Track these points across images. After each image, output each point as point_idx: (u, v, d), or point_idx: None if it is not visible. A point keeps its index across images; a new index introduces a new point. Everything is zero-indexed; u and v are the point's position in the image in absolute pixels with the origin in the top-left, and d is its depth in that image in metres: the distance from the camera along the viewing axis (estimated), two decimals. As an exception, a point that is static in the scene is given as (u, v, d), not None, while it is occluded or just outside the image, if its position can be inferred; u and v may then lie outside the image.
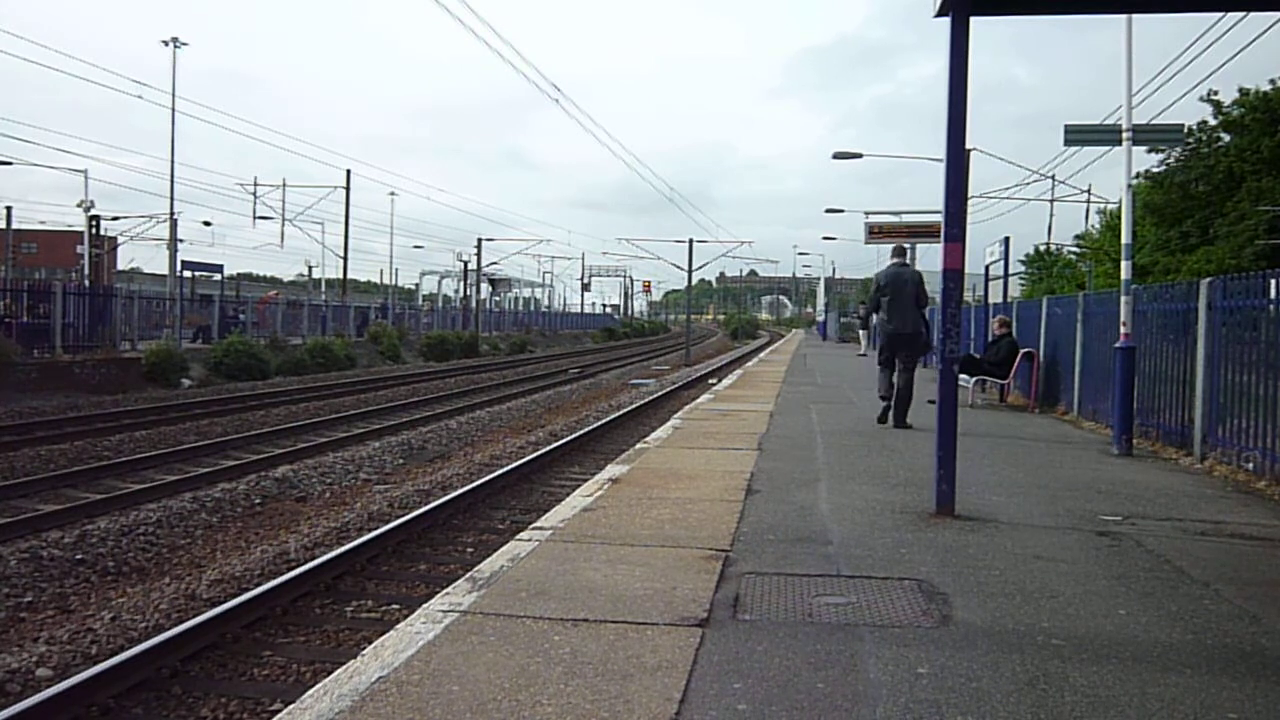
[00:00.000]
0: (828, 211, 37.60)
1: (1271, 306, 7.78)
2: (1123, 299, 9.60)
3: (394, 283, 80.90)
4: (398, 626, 3.87)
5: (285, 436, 14.86)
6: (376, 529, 7.96)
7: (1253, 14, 13.11)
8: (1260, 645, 3.75)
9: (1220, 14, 12.27)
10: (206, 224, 60.17)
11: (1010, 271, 22.83)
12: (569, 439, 13.41)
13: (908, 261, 11.44)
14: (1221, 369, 8.48)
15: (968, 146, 8.52)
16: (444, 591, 4.34)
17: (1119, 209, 16.51)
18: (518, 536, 5.43)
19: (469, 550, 7.77)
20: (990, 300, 22.94)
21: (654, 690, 3.15)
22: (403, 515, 8.51)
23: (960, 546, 5.25)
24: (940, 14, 5.81)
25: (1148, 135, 12.68)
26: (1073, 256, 40.17)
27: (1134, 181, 14.60)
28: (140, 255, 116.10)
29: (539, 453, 12.07)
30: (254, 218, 44.32)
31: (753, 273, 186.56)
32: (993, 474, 7.79)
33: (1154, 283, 16.26)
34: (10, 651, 5.58)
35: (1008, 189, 70.56)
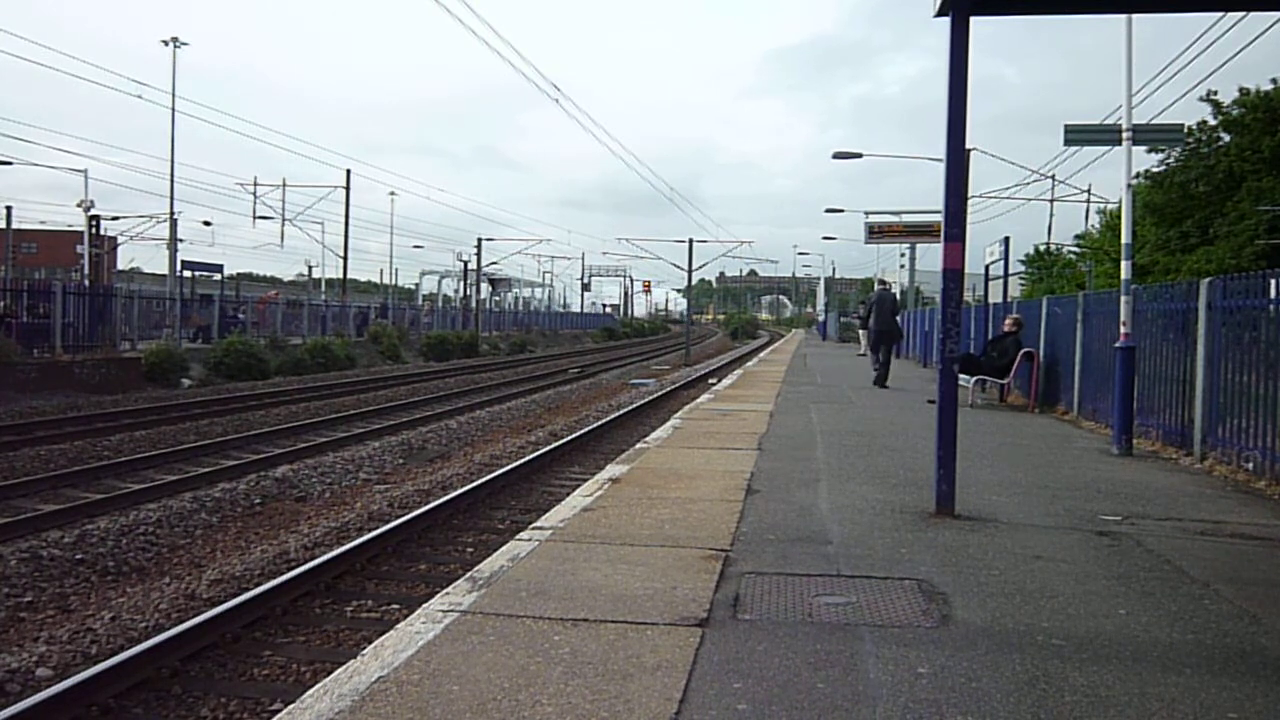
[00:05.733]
0: (828, 211, 37.73)
1: (1271, 306, 7.77)
2: (1123, 299, 9.60)
3: (394, 283, 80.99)
4: (398, 626, 3.88)
5: (285, 436, 14.86)
6: (376, 529, 7.96)
7: (1253, 14, 13.11)
8: (1260, 645, 3.75)
9: (1220, 14, 12.26)
10: (206, 224, 59.84)
11: (1010, 271, 22.79)
12: (569, 439, 13.41)
13: (888, 283, 20.80)
14: (1221, 369, 8.48)
15: (968, 146, 8.52)
16: (444, 591, 4.34)
17: (1119, 209, 16.52)
18: (518, 536, 5.44)
19: (469, 550, 7.77)
20: (990, 300, 22.93)
21: (654, 690, 3.15)
22: (403, 515, 8.51)
23: (960, 546, 5.25)
24: (940, 14, 5.81)
25: (1148, 135, 12.68)
26: (1073, 256, 40.19)
27: (1134, 181, 14.60)
28: (140, 255, 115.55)
29: (539, 453, 12.07)
30: (254, 217, 44.36)
31: (752, 272, 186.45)
32: (993, 474, 7.79)
33: (1154, 283, 16.25)
34: (10, 651, 5.58)
35: (1007, 189, 70.63)
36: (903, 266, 40.10)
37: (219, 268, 40.84)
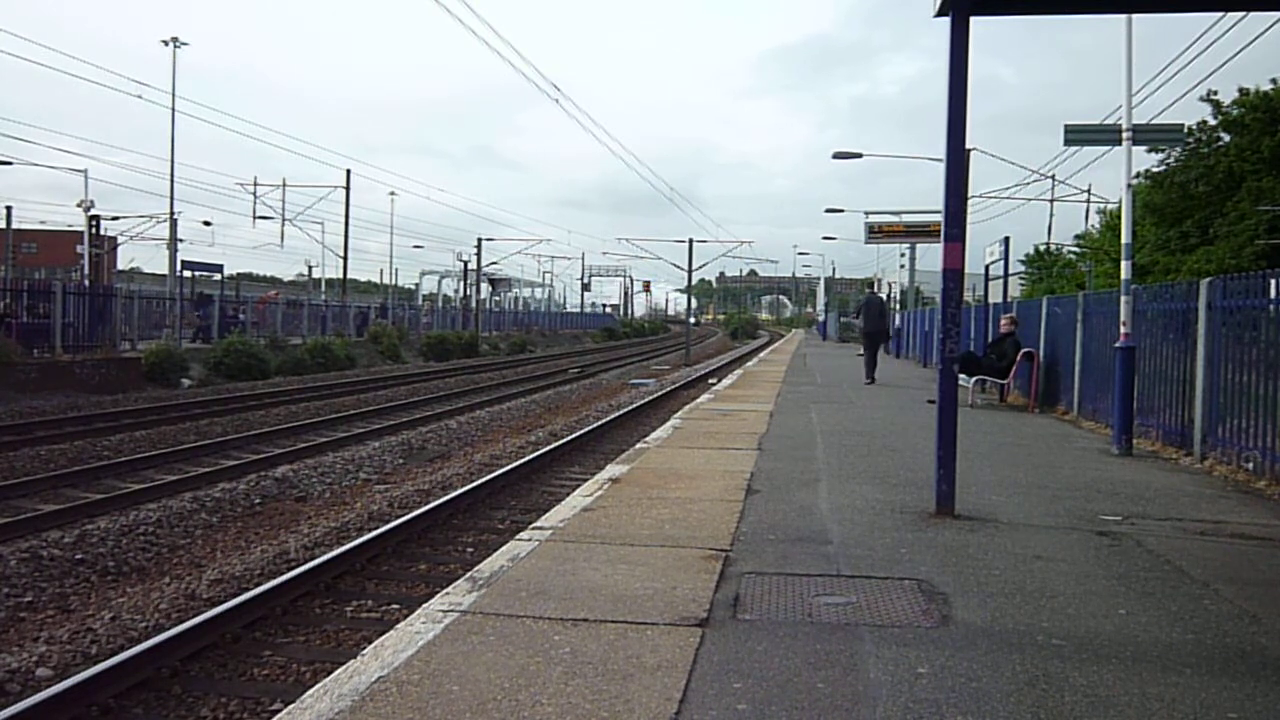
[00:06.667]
0: (828, 211, 37.74)
1: (1271, 306, 7.78)
2: (1123, 299, 9.60)
3: (394, 282, 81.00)
4: (398, 626, 3.88)
5: (285, 436, 14.86)
6: (376, 529, 7.96)
7: (1253, 14, 13.10)
8: (1260, 645, 3.75)
9: (1220, 14, 12.26)
10: (206, 224, 59.83)
11: (1010, 271, 22.82)
12: (569, 439, 13.40)
13: (877, 289, 25.38)
14: (1221, 369, 8.48)
15: (968, 146, 8.52)
16: (444, 591, 4.34)
17: (1119, 209, 16.52)
18: (518, 536, 5.44)
19: (469, 550, 7.77)
20: (990, 300, 22.93)
21: (654, 690, 3.15)
22: (403, 515, 8.51)
23: (960, 546, 5.25)
24: (940, 14, 5.81)
25: (1148, 135, 12.68)
26: (1073, 256, 40.19)
27: (1134, 181, 14.60)
28: (140, 255, 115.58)
29: (539, 452, 12.06)
30: (254, 217, 44.42)
31: (752, 273, 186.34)
32: (993, 474, 7.79)
33: (1154, 283, 16.25)
34: (10, 651, 5.58)
35: (1007, 189, 70.62)
36: (903, 267, 40.09)
37: (219, 268, 40.82)
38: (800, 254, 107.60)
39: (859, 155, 29.91)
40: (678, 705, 3.04)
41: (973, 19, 5.85)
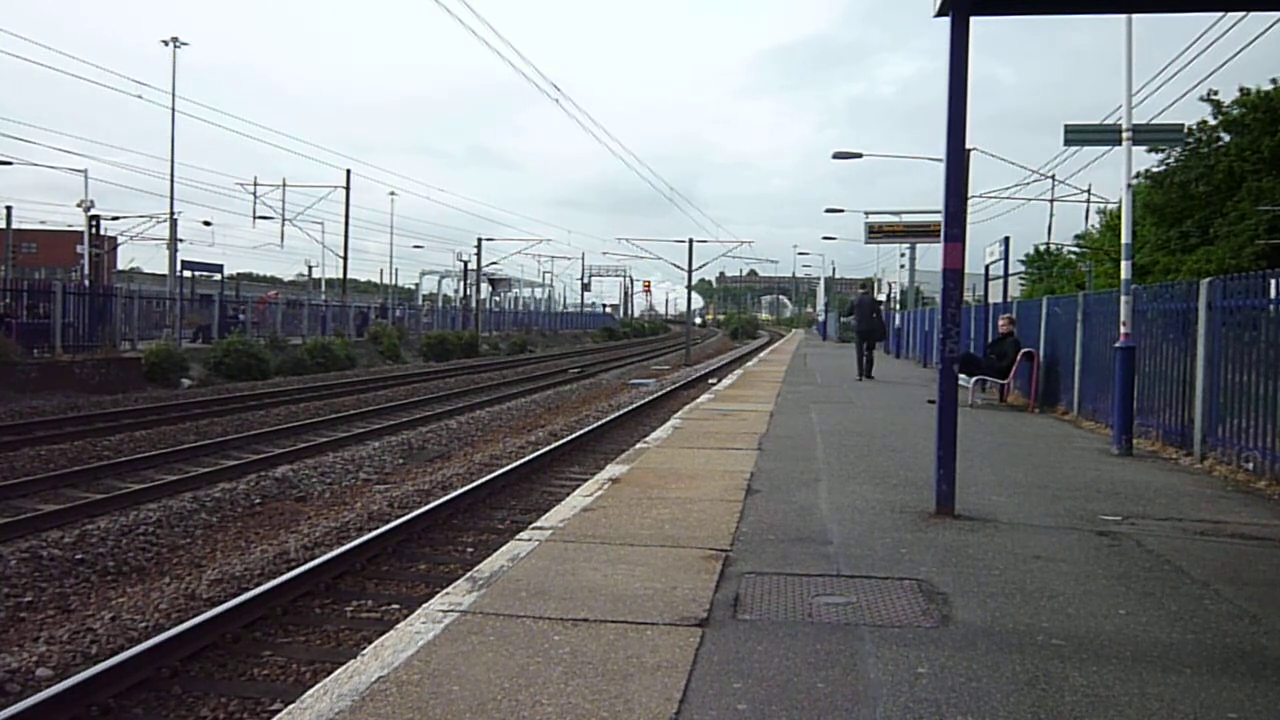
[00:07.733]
0: (827, 211, 37.80)
1: (1271, 306, 7.78)
2: (1123, 299, 9.60)
3: (394, 283, 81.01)
4: (398, 626, 3.88)
5: (285, 436, 14.86)
6: (376, 529, 7.96)
7: (1253, 14, 13.10)
8: (1260, 645, 3.75)
9: (1220, 14, 12.26)
10: (206, 224, 59.72)
11: (1010, 271, 22.82)
12: (569, 439, 13.40)
13: (870, 290, 23.04)
14: (1221, 369, 8.48)
15: (968, 146, 8.52)
16: (444, 591, 4.34)
17: (1119, 209, 16.53)
18: (518, 536, 5.44)
19: (469, 550, 7.77)
20: (990, 300, 22.94)
21: (654, 690, 3.15)
22: (403, 515, 8.51)
23: (960, 546, 5.25)
24: (940, 14, 5.81)
25: (1148, 135, 12.69)
26: (1073, 256, 40.19)
27: (1134, 181, 14.61)
28: (140, 255, 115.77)
29: (539, 452, 12.06)
30: (254, 217, 44.36)
31: (753, 273, 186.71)
32: (993, 474, 7.79)
33: (1154, 283, 16.25)
34: (10, 651, 5.58)
35: (1007, 189, 70.66)
36: (903, 267, 40.12)
37: (219, 268, 40.84)
38: (800, 254, 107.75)
39: (859, 155, 29.93)
40: (678, 705, 3.04)
41: (973, 19, 5.85)
